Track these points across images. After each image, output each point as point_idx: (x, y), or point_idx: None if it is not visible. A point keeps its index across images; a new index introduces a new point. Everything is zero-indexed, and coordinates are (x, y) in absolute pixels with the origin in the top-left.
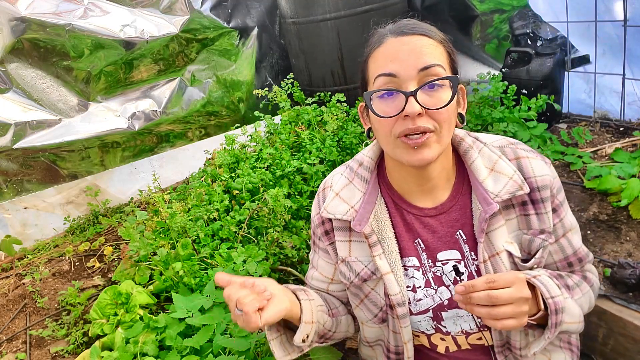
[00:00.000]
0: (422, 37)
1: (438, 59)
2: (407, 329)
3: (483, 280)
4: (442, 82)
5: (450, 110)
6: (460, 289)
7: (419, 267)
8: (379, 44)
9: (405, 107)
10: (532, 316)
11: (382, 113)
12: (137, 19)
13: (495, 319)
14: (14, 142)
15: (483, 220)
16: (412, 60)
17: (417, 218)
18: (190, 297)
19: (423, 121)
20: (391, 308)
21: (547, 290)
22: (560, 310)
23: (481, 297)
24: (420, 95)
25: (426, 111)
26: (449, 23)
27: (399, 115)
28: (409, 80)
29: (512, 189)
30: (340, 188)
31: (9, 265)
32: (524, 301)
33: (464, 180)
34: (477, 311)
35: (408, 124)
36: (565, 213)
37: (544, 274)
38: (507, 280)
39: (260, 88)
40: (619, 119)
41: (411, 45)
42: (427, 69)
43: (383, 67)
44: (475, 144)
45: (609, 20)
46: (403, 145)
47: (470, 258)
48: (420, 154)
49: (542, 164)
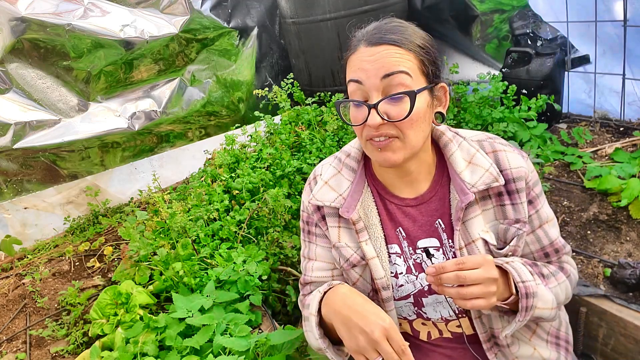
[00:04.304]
0: (389, 46)
1: (403, 65)
2: (392, 313)
3: (453, 262)
4: (403, 93)
5: (416, 118)
6: (431, 270)
7: (401, 255)
8: (353, 50)
9: (368, 119)
10: (504, 301)
11: (353, 119)
12: (137, 19)
13: (464, 298)
14: (14, 142)
15: (459, 209)
16: (375, 70)
17: (398, 208)
18: (190, 297)
19: (385, 128)
20: (376, 292)
21: (518, 275)
22: (532, 294)
23: (450, 277)
24: (383, 105)
25: (388, 121)
26: (449, 23)
27: (364, 124)
28: (372, 89)
29: (487, 180)
30: (329, 177)
31: (9, 265)
32: (492, 281)
33: (444, 172)
34: (447, 291)
35: (372, 131)
36: (542, 205)
37: (518, 261)
38: (475, 262)
39: (260, 88)
40: (619, 119)
41: (377, 55)
42: (389, 76)
43: (353, 73)
44: (455, 138)
45: (609, 20)
46: (371, 147)
47: (448, 245)
48: (384, 155)
49: (518, 157)
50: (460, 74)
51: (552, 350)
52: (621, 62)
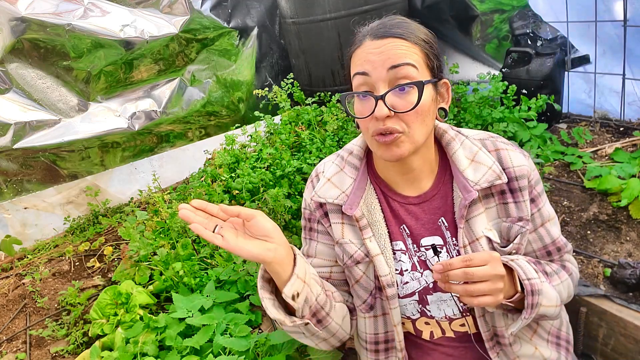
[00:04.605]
0: (395, 39)
1: (409, 58)
2: (397, 311)
3: (460, 259)
4: (412, 84)
5: (421, 111)
6: (438, 267)
7: (406, 251)
8: (359, 44)
9: (375, 110)
10: (510, 298)
11: (358, 113)
12: (137, 19)
13: (472, 295)
14: (14, 142)
15: (463, 207)
16: (381, 61)
17: (401, 205)
18: (190, 297)
19: (392, 122)
20: (380, 290)
21: (523, 272)
22: (537, 292)
23: (457, 274)
24: (390, 97)
25: (395, 113)
26: (449, 23)
27: (371, 116)
28: (379, 80)
29: (490, 178)
30: (332, 174)
31: (9, 265)
32: (499, 278)
33: (446, 170)
34: (454, 289)
35: (379, 125)
36: (544, 204)
37: (522, 258)
38: (482, 259)
39: (260, 88)
40: (619, 119)
41: (383, 47)
42: (396, 68)
43: (359, 66)
44: (457, 136)
45: (609, 20)
46: (377, 143)
47: (451, 244)
48: (391, 151)
49: (520, 155)
50: (460, 74)
51: (552, 350)
52: (621, 62)
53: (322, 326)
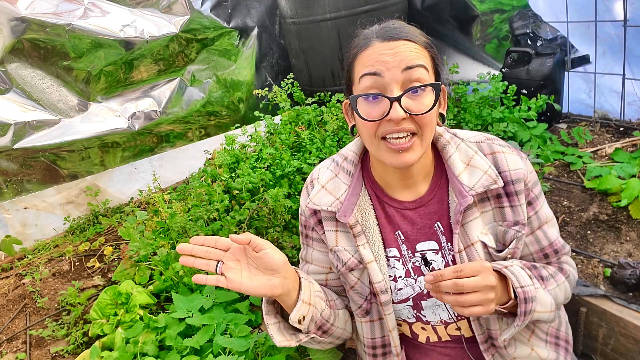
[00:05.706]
0: (406, 42)
1: (422, 60)
2: (391, 316)
3: (451, 270)
4: (429, 85)
5: (433, 114)
6: (430, 278)
7: (399, 258)
8: (366, 46)
9: (390, 113)
10: (503, 305)
11: (366, 115)
12: (137, 19)
13: (463, 305)
14: (14, 142)
15: (458, 212)
16: (396, 62)
17: (397, 211)
18: (190, 297)
19: (405, 123)
20: (375, 296)
21: (516, 280)
22: (530, 299)
23: (448, 285)
24: (404, 99)
25: (410, 115)
26: (449, 23)
27: (384, 119)
28: (392, 82)
29: (486, 183)
30: (326, 181)
31: (9, 265)
32: (490, 289)
33: (442, 174)
34: (445, 299)
35: (392, 126)
36: (541, 206)
37: (517, 264)
38: (473, 269)
39: (260, 88)
40: (619, 119)
41: (396, 49)
42: (411, 69)
43: (369, 67)
44: (453, 139)
45: (609, 20)
46: (386, 148)
47: (447, 248)
48: (403, 157)
49: (517, 158)
50: (460, 74)
51: (551, 350)
52: (621, 62)
53: (327, 335)
